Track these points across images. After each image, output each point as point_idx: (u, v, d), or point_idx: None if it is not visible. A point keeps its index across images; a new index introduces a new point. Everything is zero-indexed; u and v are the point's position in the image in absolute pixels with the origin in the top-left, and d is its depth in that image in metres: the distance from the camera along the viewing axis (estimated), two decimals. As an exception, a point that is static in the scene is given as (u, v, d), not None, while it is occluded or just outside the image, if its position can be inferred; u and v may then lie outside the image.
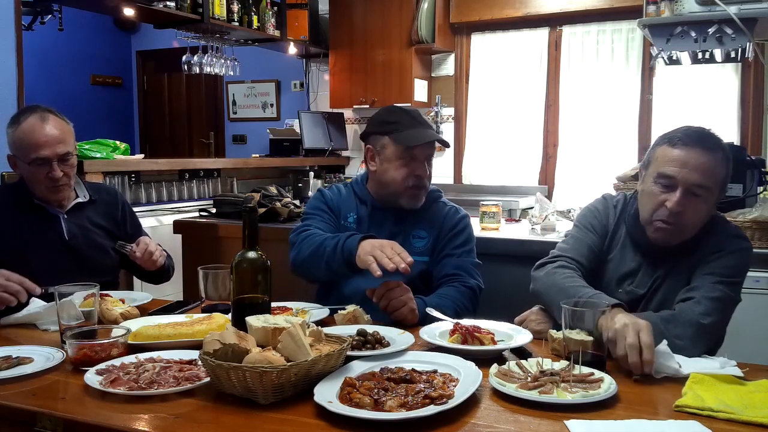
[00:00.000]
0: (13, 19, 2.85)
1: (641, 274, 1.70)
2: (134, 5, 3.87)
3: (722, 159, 1.59)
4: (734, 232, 1.67)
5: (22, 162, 2.01)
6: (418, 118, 1.98)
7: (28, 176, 2.04)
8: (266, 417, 1.12)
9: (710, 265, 1.59)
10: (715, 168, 1.57)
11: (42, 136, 1.98)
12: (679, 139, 1.61)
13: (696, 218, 1.59)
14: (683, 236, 1.62)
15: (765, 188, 2.72)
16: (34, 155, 1.97)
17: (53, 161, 1.99)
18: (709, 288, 1.54)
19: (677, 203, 1.55)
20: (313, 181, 4.61)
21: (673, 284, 1.65)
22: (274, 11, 4.82)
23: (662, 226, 1.59)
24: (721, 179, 1.60)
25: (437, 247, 2.00)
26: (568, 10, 4.44)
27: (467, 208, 2.19)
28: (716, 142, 1.62)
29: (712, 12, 2.64)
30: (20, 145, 2.00)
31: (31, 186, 2.06)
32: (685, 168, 1.55)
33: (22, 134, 1.99)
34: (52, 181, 2.01)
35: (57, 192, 2.05)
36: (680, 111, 4.23)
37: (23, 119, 2.01)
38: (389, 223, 2.01)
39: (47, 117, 2.02)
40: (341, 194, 2.10)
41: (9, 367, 1.34)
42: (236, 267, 1.43)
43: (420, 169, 1.95)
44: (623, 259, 1.73)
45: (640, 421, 1.09)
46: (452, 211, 2.07)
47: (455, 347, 1.43)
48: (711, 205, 1.60)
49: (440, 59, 5.04)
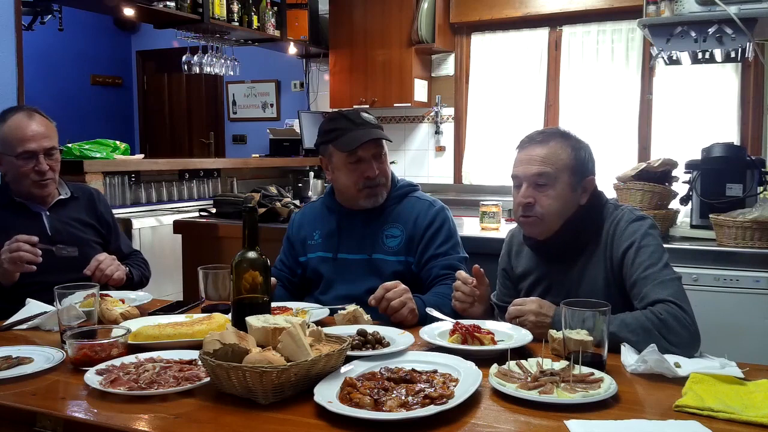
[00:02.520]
0: (13, 19, 2.85)
1: (554, 285, 1.73)
2: (134, 5, 3.87)
3: (560, 145, 1.69)
4: (630, 217, 1.68)
5: (8, 157, 2.05)
6: (356, 119, 1.95)
7: (13, 172, 2.07)
8: (266, 417, 1.12)
9: (637, 262, 1.60)
10: (550, 155, 1.67)
11: (29, 130, 2.04)
12: (518, 145, 1.76)
13: (550, 203, 1.66)
14: (548, 224, 1.69)
15: (765, 188, 2.72)
16: (21, 149, 2.03)
17: (40, 154, 2.04)
18: (659, 285, 1.54)
19: (522, 196, 1.69)
20: (313, 181, 4.61)
21: (589, 288, 1.66)
22: (274, 11, 4.82)
23: (523, 220, 1.72)
24: (566, 162, 1.68)
25: (415, 247, 1.97)
26: (568, 10, 4.44)
27: (467, 208, 2.18)
28: (551, 133, 1.73)
29: (712, 12, 2.65)
30: (7, 141, 2.05)
31: (16, 183, 2.09)
32: (523, 165, 1.70)
33: (8, 130, 2.05)
34: (39, 175, 2.05)
35: (43, 187, 2.09)
36: (680, 111, 4.23)
37: (9, 116, 2.07)
38: (359, 227, 2.01)
39: (33, 114, 2.09)
40: (312, 212, 2.14)
41: (9, 367, 1.33)
42: (236, 267, 1.43)
43: (368, 170, 1.94)
44: (527, 269, 1.81)
45: (640, 421, 1.09)
46: (426, 206, 2.02)
47: (455, 347, 1.42)
48: (563, 189, 1.67)
49: (440, 59, 5.04)
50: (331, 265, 2.00)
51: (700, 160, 2.78)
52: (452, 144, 5.05)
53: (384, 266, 1.95)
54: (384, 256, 1.96)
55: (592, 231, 1.70)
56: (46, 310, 1.71)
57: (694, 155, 2.85)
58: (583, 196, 1.71)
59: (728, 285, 2.45)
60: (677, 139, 4.21)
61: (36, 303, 1.77)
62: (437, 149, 5.10)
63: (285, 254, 2.12)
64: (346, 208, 2.04)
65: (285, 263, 2.10)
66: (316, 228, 2.07)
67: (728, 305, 2.38)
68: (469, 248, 2.08)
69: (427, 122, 5.13)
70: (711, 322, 1.75)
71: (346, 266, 1.98)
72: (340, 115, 2.00)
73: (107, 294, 1.84)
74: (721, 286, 2.45)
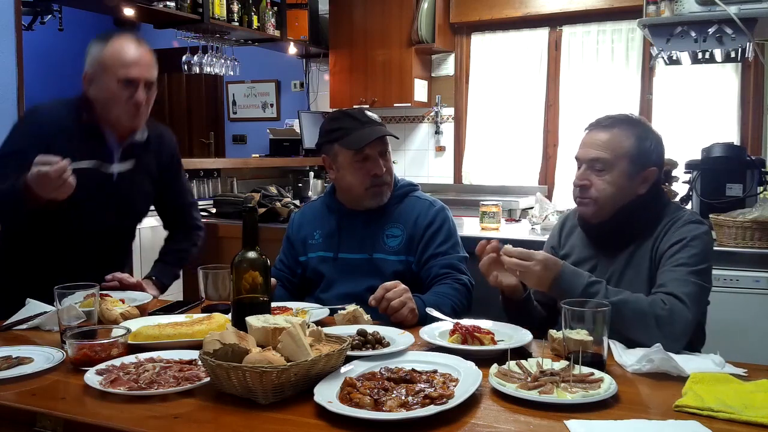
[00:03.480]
0: (13, 19, 2.85)
1: (598, 266, 1.75)
2: (134, 5, 3.87)
3: (624, 133, 1.70)
4: (690, 218, 1.69)
5: (103, 81, 1.89)
6: (361, 118, 1.96)
7: (105, 96, 1.91)
8: (266, 417, 1.12)
9: (675, 256, 1.61)
10: (611, 141, 1.68)
11: (135, 56, 1.89)
12: (587, 126, 1.78)
13: (604, 187, 1.68)
14: (601, 208, 1.70)
15: (765, 188, 2.72)
16: (124, 73, 1.87)
17: (141, 83, 1.90)
18: (682, 282, 1.55)
19: (578, 177, 1.73)
20: (313, 181, 4.61)
21: (632, 276, 1.68)
22: (274, 11, 4.82)
23: (579, 201, 1.75)
24: (627, 149, 1.68)
25: (415, 246, 1.97)
26: (568, 10, 4.44)
27: (467, 208, 2.18)
28: (618, 119, 1.73)
29: (712, 12, 2.65)
30: (107, 63, 1.88)
31: (105, 108, 1.92)
32: (584, 148, 1.73)
33: (111, 51, 1.88)
34: (134, 106, 1.90)
35: (135, 117, 1.93)
36: (680, 111, 4.23)
37: (113, 37, 1.90)
38: (360, 227, 2.01)
39: (141, 41, 1.93)
40: (312, 212, 2.13)
41: (9, 367, 1.33)
42: (236, 267, 1.43)
43: (375, 168, 1.94)
44: (575, 249, 1.83)
45: (640, 421, 1.09)
46: (426, 206, 2.03)
47: (455, 347, 1.42)
48: (619, 175, 1.68)
49: (440, 59, 5.04)
50: (331, 265, 2.00)
51: (700, 160, 2.78)
52: (452, 144, 5.05)
53: (384, 266, 1.95)
54: (384, 256, 1.96)
55: (647, 222, 1.70)
56: (46, 310, 1.71)
57: (694, 155, 2.85)
58: (643, 186, 1.70)
59: (728, 285, 2.46)
60: (677, 139, 4.20)
61: (36, 303, 1.77)
62: (437, 149, 5.10)
63: (285, 254, 2.12)
64: (347, 208, 2.04)
65: (285, 263, 2.10)
66: (316, 228, 2.07)
67: (728, 305, 2.37)
68: (469, 248, 2.06)
69: (427, 122, 5.13)
70: (711, 322, 1.76)
71: (347, 266, 1.98)
72: (344, 114, 2.00)
73: (107, 294, 1.83)
74: (721, 286, 2.45)
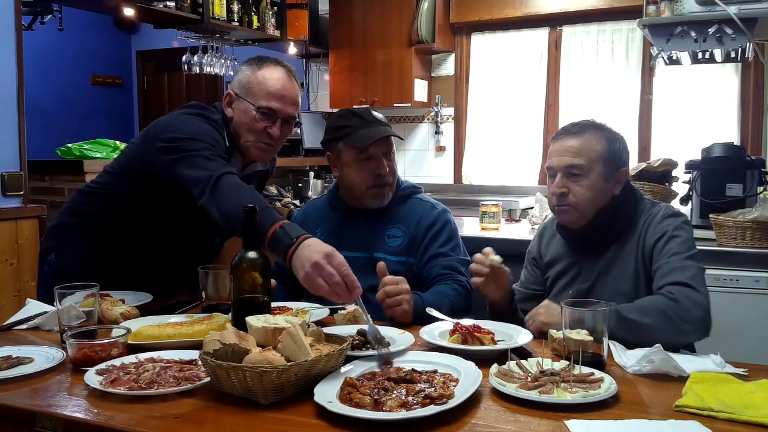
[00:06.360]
0: (13, 19, 2.84)
1: (583, 270, 1.78)
2: (134, 5, 3.87)
3: (594, 137, 1.74)
4: (667, 212, 1.73)
5: (246, 104, 1.88)
6: (367, 117, 1.97)
7: (242, 120, 1.90)
8: (266, 417, 1.12)
9: (666, 248, 1.64)
10: (583, 147, 1.72)
11: (283, 89, 1.88)
12: (554, 136, 1.80)
13: (583, 192, 1.71)
14: (581, 213, 1.73)
15: (765, 188, 2.72)
16: (266, 103, 1.86)
17: (279, 118, 1.88)
18: (681, 269, 1.59)
19: (556, 186, 1.74)
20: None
21: (618, 274, 1.71)
22: (274, 11, 4.82)
23: (558, 209, 1.76)
24: (600, 153, 1.72)
25: (416, 247, 1.98)
26: (568, 10, 4.44)
27: (467, 208, 2.19)
28: (585, 125, 1.77)
29: (712, 12, 2.65)
30: (254, 88, 1.88)
31: (238, 132, 1.91)
32: (557, 156, 1.75)
33: (263, 78, 1.88)
34: (268, 137, 1.89)
35: (265, 152, 1.93)
36: (680, 111, 4.23)
37: (267, 64, 1.91)
38: (362, 226, 2.02)
39: (292, 76, 1.93)
40: (314, 210, 2.14)
41: (9, 367, 1.33)
42: (236, 267, 1.43)
43: (379, 167, 1.95)
44: (558, 256, 1.85)
45: (640, 421, 1.09)
46: (428, 208, 2.04)
47: (455, 347, 1.42)
48: (596, 179, 1.71)
49: (440, 59, 5.03)
50: None
51: (700, 160, 2.78)
52: (452, 144, 5.05)
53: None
54: (385, 256, 1.96)
55: (625, 222, 1.74)
56: (46, 310, 1.71)
57: (694, 155, 2.85)
58: (617, 187, 1.75)
59: (728, 285, 2.46)
60: (677, 139, 4.21)
61: (36, 303, 1.77)
62: (437, 149, 5.10)
63: None
64: (350, 207, 2.04)
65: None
66: (318, 225, 2.07)
67: (728, 305, 2.38)
68: (469, 248, 2.07)
69: (427, 122, 5.13)
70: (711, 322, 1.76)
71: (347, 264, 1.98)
72: (351, 113, 2.01)
73: (107, 294, 1.83)
74: (721, 286, 2.45)
